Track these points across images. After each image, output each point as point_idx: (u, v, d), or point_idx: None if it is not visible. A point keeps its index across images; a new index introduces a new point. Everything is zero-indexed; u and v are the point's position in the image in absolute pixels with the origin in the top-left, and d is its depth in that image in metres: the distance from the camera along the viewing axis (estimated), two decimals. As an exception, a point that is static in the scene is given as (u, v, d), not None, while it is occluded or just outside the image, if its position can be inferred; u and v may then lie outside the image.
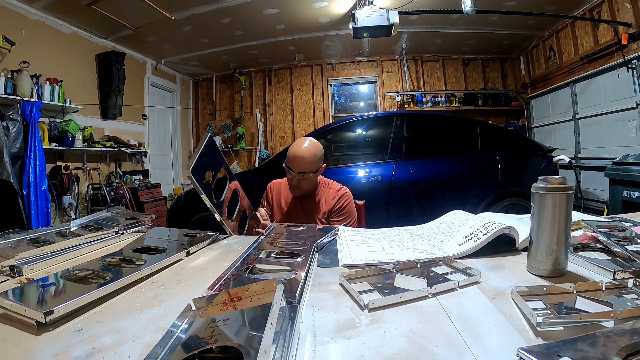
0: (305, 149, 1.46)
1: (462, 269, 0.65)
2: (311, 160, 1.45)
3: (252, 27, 4.65)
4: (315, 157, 1.47)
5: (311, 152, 1.46)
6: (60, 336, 0.46)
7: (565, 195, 0.60)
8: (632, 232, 0.80)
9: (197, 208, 3.18)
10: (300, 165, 1.44)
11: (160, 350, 0.38)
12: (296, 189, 1.50)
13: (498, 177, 3.30)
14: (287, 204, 1.58)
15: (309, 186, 1.51)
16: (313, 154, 1.46)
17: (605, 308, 0.49)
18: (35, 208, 3.00)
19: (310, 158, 1.45)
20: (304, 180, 1.47)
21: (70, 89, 3.87)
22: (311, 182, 1.50)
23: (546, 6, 4.21)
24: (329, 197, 1.55)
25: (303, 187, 1.50)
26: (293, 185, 1.49)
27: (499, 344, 0.42)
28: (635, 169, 2.64)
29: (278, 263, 0.71)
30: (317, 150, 1.48)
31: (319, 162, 1.49)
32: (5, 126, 2.86)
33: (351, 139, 3.74)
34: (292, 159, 1.46)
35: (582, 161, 4.56)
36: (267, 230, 1.01)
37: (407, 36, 5.26)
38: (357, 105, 6.50)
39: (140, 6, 3.76)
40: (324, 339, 0.44)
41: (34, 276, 0.68)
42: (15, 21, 3.44)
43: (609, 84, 4.07)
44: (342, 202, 1.54)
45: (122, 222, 1.08)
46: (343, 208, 1.54)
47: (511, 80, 6.14)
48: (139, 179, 4.75)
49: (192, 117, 6.74)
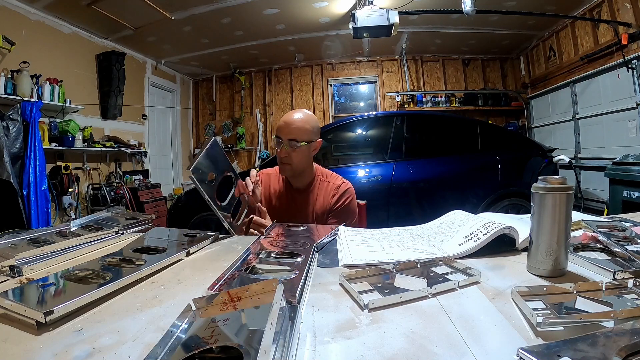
0: (297, 115, 1.31)
1: (462, 269, 0.65)
2: (303, 125, 1.29)
3: (252, 27, 4.65)
4: (309, 124, 1.31)
5: (303, 119, 1.31)
6: (60, 336, 0.46)
7: (565, 195, 0.60)
8: (632, 232, 0.80)
9: (197, 208, 3.19)
10: (289, 131, 1.28)
11: (160, 350, 0.38)
12: (286, 165, 1.32)
13: (498, 177, 3.30)
14: (278, 198, 1.41)
15: (300, 162, 1.33)
16: (305, 120, 1.31)
17: (605, 308, 0.49)
18: (35, 208, 3.00)
19: (301, 123, 1.30)
20: (294, 152, 1.29)
21: (70, 89, 3.88)
22: (303, 156, 1.32)
23: (546, 6, 4.21)
24: (327, 194, 1.38)
25: (294, 162, 1.31)
26: (282, 158, 1.31)
27: (499, 344, 0.42)
28: (635, 169, 2.64)
29: (278, 263, 0.71)
30: (311, 119, 1.33)
31: (313, 133, 1.32)
32: (5, 126, 2.86)
33: (351, 139, 3.74)
34: (282, 125, 1.30)
35: (582, 161, 4.56)
36: (267, 230, 1.01)
37: (407, 36, 5.26)
38: (357, 105, 6.51)
39: (140, 6, 3.76)
40: (324, 339, 0.44)
41: (34, 276, 0.67)
42: (15, 21, 3.44)
43: (609, 84, 4.07)
44: (343, 200, 1.37)
45: (122, 222, 1.08)
46: (343, 207, 1.37)
47: (511, 80, 6.14)
48: (139, 179, 4.75)
49: (192, 117, 6.75)
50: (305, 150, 1.32)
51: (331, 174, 1.46)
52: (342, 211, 1.37)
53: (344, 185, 1.41)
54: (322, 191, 1.40)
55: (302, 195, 1.40)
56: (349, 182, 1.44)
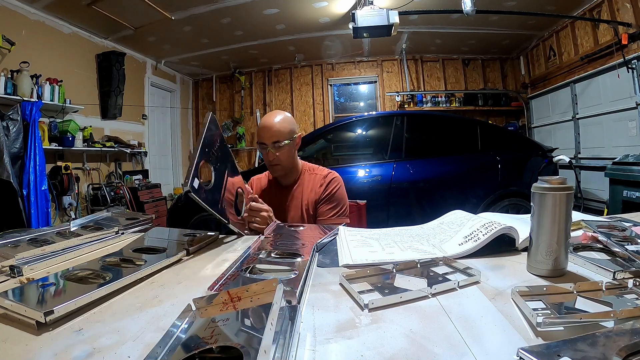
0: (273, 118, 1.36)
1: (462, 269, 0.65)
2: (281, 125, 1.34)
3: (252, 27, 4.65)
4: (286, 122, 1.36)
5: (281, 119, 1.36)
6: (60, 336, 0.46)
7: (565, 195, 0.60)
8: (632, 232, 0.80)
9: (197, 208, 3.17)
10: (271, 134, 1.33)
11: (160, 350, 0.38)
12: (276, 166, 1.38)
13: (498, 177, 3.30)
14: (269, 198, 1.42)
15: (288, 159, 1.38)
16: (283, 120, 1.36)
17: (605, 308, 0.49)
18: (35, 208, 3.00)
19: (279, 124, 1.34)
20: (281, 152, 1.34)
21: (70, 89, 3.87)
22: (289, 154, 1.38)
23: (546, 6, 4.21)
24: (315, 184, 1.43)
25: (282, 161, 1.36)
26: (271, 161, 1.36)
27: (499, 344, 0.42)
28: (635, 169, 2.64)
29: (278, 263, 0.71)
30: (286, 117, 1.38)
31: (291, 130, 1.37)
32: (5, 126, 2.86)
33: (351, 139, 3.74)
34: (262, 130, 1.35)
35: (582, 161, 4.56)
36: (267, 230, 1.01)
37: (407, 36, 5.26)
38: (357, 105, 6.50)
39: (140, 6, 3.76)
40: (324, 339, 0.44)
41: (34, 276, 0.68)
42: (15, 21, 3.44)
43: (609, 84, 4.07)
44: (331, 188, 1.42)
45: (122, 222, 1.08)
46: (332, 194, 1.41)
47: (511, 80, 6.14)
48: (139, 179, 4.75)
49: (192, 117, 6.75)
50: (289, 147, 1.37)
51: (317, 167, 1.50)
52: (331, 198, 1.41)
53: (330, 174, 1.46)
54: (310, 183, 1.44)
55: (292, 190, 1.44)
56: (336, 172, 1.48)
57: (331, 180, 1.44)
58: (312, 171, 1.48)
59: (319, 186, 1.42)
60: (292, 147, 1.39)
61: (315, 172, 1.47)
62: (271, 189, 1.48)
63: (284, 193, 1.45)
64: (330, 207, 1.40)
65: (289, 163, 1.40)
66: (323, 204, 1.41)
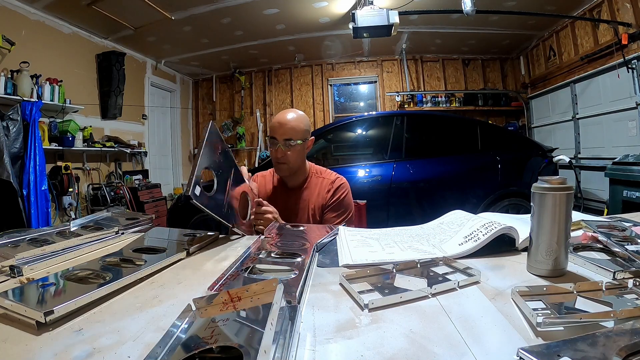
0: (290, 115, 1.33)
1: (462, 269, 0.65)
2: (297, 125, 1.32)
3: (252, 27, 4.65)
4: (302, 123, 1.34)
5: (296, 118, 1.33)
6: (60, 336, 0.46)
7: (565, 195, 0.60)
8: (632, 232, 0.80)
9: (197, 208, 3.19)
10: (284, 131, 1.30)
11: (160, 350, 0.38)
12: (282, 164, 1.34)
13: (498, 177, 3.30)
14: (274, 198, 1.41)
15: (296, 161, 1.35)
16: (299, 119, 1.33)
17: (605, 308, 0.49)
18: (35, 208, 3.00)
19: (295, 123, 1.32)
20: (290, 151, 1.31)
21: (70, 89, 3.88)
22: (299, 154, 1.34)
23: (546, 6, 4.21)
24: (322, 189, 1.39)
25: (290, 161, 1.33)
26: (278, 158, 1.33)
27: (499, 344, 0.42)
28: (635, 169, 2.64)
29: (278, 263, 0.71)
30: (303, 118, 1.36)
31: (306, 131, 1.35)
32: (5, 126, 2.86)
33: (351, 139, 3.74)
34: (276, 126, 1.32)
35: (582, 161, 4.56)
36: (267, 230, 1.01)
37: (407, 36, 5.26)
38: (357, 105, 6.51)
39: (140, 6, 3.76)
40: (324, 339, 0.44)
41: (34, 276, 0.67)
42: (15, 21, 3.44)
43: (609, 84, 4.07)
44: (339, 195, 1.39)
45: (122, 222, 1.08)
46: (340, 202, 1.38)
47: (511, 80, 6.14)
48: (139, 179, 4.75)
49: (192, 117, 6.75)
50: (300, 148, 1.34)
51: (324, 170, 1.47)
52: (338, 205, 1.39)
53: (338, 180, 1.43)
54: (317, 187, 1.41)
55: (298, 193, 1.41)
56: (343, 177, 1.45)
57: (339, 186, 1.41)
58: (320, 174, 1.45)
59: (326, 191, 1.39)
60: (303, 148, 1.36)
61: (323, 176, 1.44)
62: (277, 190, 1.45)
63: (290, 195, 1.42)
64: (336, 215, 1.37)
65: (296, 164, 1.36)
66: (329, 210, 1.38)
